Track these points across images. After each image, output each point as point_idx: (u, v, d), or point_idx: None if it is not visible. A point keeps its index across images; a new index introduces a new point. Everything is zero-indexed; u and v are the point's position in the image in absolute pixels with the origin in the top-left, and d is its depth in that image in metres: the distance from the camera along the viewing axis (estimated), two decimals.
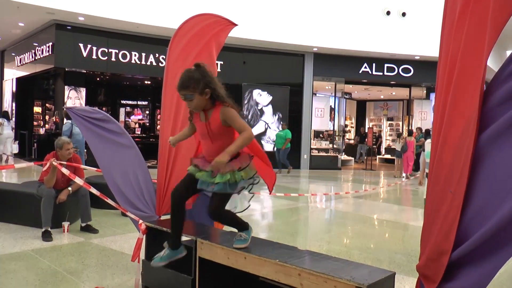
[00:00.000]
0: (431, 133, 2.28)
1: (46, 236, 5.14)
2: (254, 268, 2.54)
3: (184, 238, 3.06)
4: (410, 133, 15.02)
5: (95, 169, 6.30)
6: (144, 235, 3.41)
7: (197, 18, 3.96)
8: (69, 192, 5.49)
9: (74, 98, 13.92)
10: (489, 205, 1.72)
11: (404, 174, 14.10)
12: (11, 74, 16.74)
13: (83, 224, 5.57)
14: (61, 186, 5.53)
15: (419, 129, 15.71)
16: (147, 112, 20.10)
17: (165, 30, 12.23)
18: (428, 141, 12.34)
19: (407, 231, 6.68)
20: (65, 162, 5.30)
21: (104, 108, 17.69)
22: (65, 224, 5.53)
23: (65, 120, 9.36)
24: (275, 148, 14.44)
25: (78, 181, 4.65)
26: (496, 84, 1.71)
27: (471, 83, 1.73)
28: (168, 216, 3.70)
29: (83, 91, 14.01)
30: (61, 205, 5.50)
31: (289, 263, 2.37)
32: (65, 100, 13.54)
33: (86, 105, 14.28)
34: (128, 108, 19.72)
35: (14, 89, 16.47)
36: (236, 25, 4.06)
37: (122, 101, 19.36)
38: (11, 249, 4.78)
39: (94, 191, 4.30)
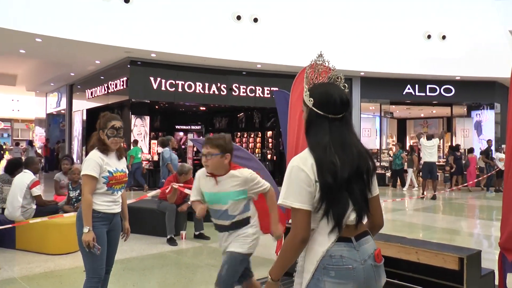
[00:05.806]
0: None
1: (172, 242, 6.41)
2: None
3: None
4: (470, 150, 15.93)
5: None
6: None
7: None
8: (189, 205, 6.75)
9: (140, 125, 15.45)
10: None
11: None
12: (80, 105, 18.53)
13: (197, 233, 6.80)
14: (178, 202, 6.80)
15: (398, 145, 16.43)
16: (201, 136, 21.61)
17: (228, 61, 13.79)
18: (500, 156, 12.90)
19: (458, 235, 7.64)
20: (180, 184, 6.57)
21: (160, 133, 19.31)
22: (183, 232, 6.79)
23: (160, 149, 10.76)
24: None
25: None
26: None
27: None
28: None
29: (147, 118, 15.56)
30: (177, 217, 6.76)
31: (407, 245, 3.51)
32: (131, 128, 15.04)
33: (149, 130, 15.88)
34: (182, 133, 21.30)
35: (85, 118, 18.20)
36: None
37: (176, 126, 20.98)
38: (149, 251, 6.06)
39: None
